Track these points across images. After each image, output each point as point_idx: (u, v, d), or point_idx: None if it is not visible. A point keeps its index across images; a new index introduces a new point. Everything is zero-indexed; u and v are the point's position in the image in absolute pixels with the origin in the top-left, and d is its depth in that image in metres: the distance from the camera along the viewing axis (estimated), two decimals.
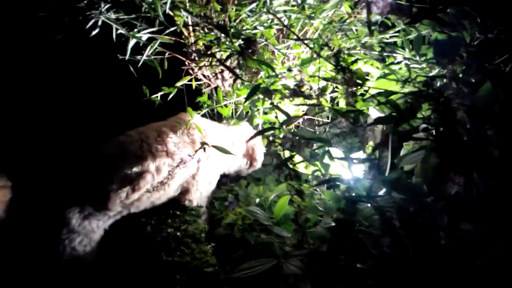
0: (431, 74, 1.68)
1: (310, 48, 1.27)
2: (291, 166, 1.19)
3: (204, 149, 1.64)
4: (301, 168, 1.98)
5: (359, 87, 1.05)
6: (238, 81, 2.35)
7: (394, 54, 1.95)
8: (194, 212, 2.03)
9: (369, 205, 1.75)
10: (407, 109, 1.05)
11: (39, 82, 2.71)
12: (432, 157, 1.46)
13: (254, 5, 1.55)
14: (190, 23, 1.95)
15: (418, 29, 1.96)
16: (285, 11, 1.52)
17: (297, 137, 1.32)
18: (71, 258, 1.74)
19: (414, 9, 2.19)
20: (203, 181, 2.10)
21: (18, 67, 2.69)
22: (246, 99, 1.25)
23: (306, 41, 1.33)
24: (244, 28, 1.63)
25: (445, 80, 1.27)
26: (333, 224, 1.85)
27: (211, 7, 1.93)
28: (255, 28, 1.54)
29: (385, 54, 2.01)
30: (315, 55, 1.24)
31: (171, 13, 1.92)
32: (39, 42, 2.62)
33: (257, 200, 2.17)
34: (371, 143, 1.97)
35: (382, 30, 2.06)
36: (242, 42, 1.15)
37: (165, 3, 1.82)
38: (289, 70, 1.52)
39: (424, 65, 1.67)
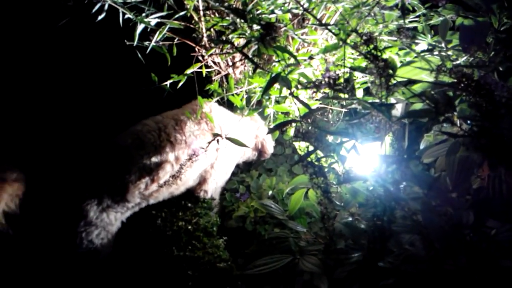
0: (457, 62, 1.59)
1: (335, 34, 1.18)
2: (313, 161, 1.10)
3: (218, 141, 1.55)
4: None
5: (390, 77, 0.97)
6: (249, 68, 2.26)
7: (416, 41, 1.86)
8: (206, 204, 1.96)
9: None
10: (444, 102, 0.97)
11: (46, 71, 2.63)
12: (461, 151, 1.38)
13: None
14: (200, 7, 1.85)
15: (440, 14, 1.86)
16: None
17: (317, 130, 1.24)
18: (87, 250, 1.69)
19: None
20: (220, 170, 2.05)
21: (26, 57, 2.61)
22: (264, 90, 1.17)
23: (329, 26, 1.23)
24: (259, 12, 1.53)
25: (480, 71, 1.17)
26: (350, 219, 1.79)
27: None
28: (272, 12, 1.45)
29: (404, 40, 1.92)
30: (340, 42, 1.16)
31: None
32: (44, 28, 2.54)
33: (270, 192, 2.10)
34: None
35: (401, 15, 1.96)
36: (260, 28, 1.06)
37: None
38: (311, 58, 1.43)
39: (450, 52, 1.57)
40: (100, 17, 1.79)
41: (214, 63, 2.24)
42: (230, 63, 2.22)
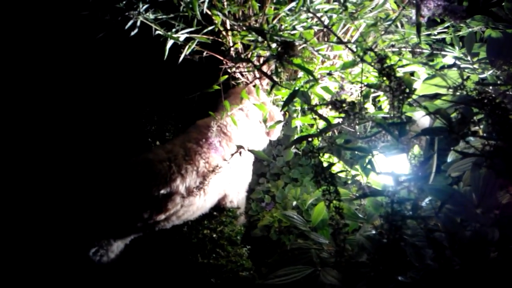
0: (483, 75, 1.56)
1: (353, 51, 1.20)
2: (327, 176, 1.12)
3: (240, 153, 1.59)
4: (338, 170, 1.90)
5: (405, 95, 0.98)
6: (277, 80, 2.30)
7: (443, 53, 1.84)
8: (231, 213, 2.01)
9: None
10: (459, 120, 0.97)
11: (81, 82, 2.77)
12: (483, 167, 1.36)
13: (293, 3, 1.48)
14: (227, 22, 1.91)
15: (469, 25, 1.83)
16: (326, 11, 1.45)
17: (335, 145, 1.26)
18: (85, 264, 1.75)
19: (465, 2, 2.06)
20: (239, 180, 2.07)
21: (60, 67, 2.75)
22: (284, 105, 1.20)
23: (348, 44, 1.26)
24: (282, 28, 1.57)
25: (501, 88, 1.16)
26: (373, 232, 1.78)
27: (249, 5, 1.89)
28: (294, 28, 1.48)
29: (433, 52, 1.90)
30: (358, 59, 1.17)
31: (209, 12, 1.89)
32: (79, 41, 2.67)
33: (294, 202, 2.12)
34: (416, 147, 1.87)
35: (430, 27, 1.95)
36: (279, 45, 1.10)
37: (203, 2, 1.79)
38: (329, 74, 1.45)
39: (476, 66, 1.55)
40: (133, 33, 1.89)
41: (242, 74, 2.30)
42: (258, 75, 2.26)
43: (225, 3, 1.82)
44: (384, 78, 1.00)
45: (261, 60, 1.87)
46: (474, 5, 2.06)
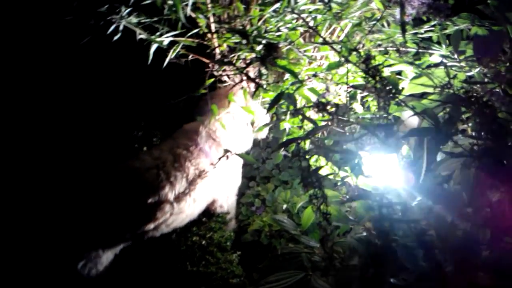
0: (471, 73, 1.55)
1: (338, 52, 1.18)
2: (316, 178, 1.09)
3: (227, 157, 1.56)
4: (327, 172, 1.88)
5: (392, 95, 0.96)
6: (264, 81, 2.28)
7: (429, 51, 1.83)
8: (220, 219, 1.98)
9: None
10: (446, 120, 0.95)
11: (61, 87, 2.72)
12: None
13: (278, 4, 1.46)
14: (212, 25, 1.88)
15: (455, 23, 1.82)
16: (310, 12, 1.43)
17: (323, 147, 1.23)
18: (74, 278, 1.69)
19: (451, 1, 2.06)
20: (228, 184, 2.03)
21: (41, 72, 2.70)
22: (269, 108, 1.18)
23: (333, 44, 1.24)
24: (268, 29, 1.55)
25: (488, 86, 1.14)
26: (364, 234, 1.76)
27: (234, 7, 1.86)
28: (279, 29, 1.46)
29: (419, 50, 1.89)
30: (343, 59, 1.15)
31: (193, 14, 1.86)
32: (63, 46, 2.63)
33: (284, 206, 2.09)
34: (405, 147, 1.86)
35: (416, 25, 1.94)
36: (263, 48, 1.07)
37: (187, 5, 1.76)
38: (315, 76, 1.43)
39: (463, 64, 1.54)
40: (116, 37, 1.85)
41: (228, 77, 2.27)
42: (245, 77, 2.24)
43: (209, 6, 1.79)
44: (370, 79, 0.98)
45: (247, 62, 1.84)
46: (460, 3, 2.06)
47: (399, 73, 1.92)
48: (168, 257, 1.79)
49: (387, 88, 0.92)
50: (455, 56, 1.59)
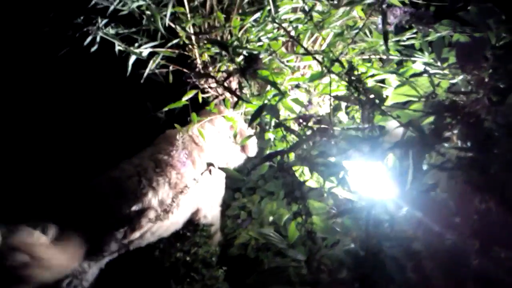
0: (454, 81, 1.54)
1: (320, 62, 1.15)
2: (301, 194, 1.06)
3: (210, 171, 1.52)
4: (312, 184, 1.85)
5: (375, 106, 0.93)
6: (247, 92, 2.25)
7: (412, 59, 1.82)
8: (205, 233, 1.93)
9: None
10: (431, 131, 0.92)
11: (40, 99, 2.65)
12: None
13: (258, 14, 1.43)
14: (192, 36, 1.84)
15: (437, 30, 1.82)
16: (291, 21, 1.40)
17: (308, 160, 1.20)
18: None
19: (432, 8, 2.06)
20: (211, 194, 1.99)
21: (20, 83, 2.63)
22: (251, 120, 1.14)
23: (315, 54, 1.21)
24: (249, 39, 1.52)
25: (473, 95, 1.12)
26: (352, 245, 1.73)
27: (214, 17, 1.83)
28: (259, 39, 1.43)
29: (403, 59, 1.88)
30: (325, 70, 1.13)
31: (172, 25, 1.82)
32: (38, 57, 2.56)
33: (271, 218, 2.05)
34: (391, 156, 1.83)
35: (398, 33, 1.93)
36: (243, 59, 1.04)
37: (165, 15, 1.72)
38: (297, 86, 1.40)
39: (446, 71, 1.53)
40: (93, 49, 1.80)
41: (211, 88, 2.23)
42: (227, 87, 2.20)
43: (189, 15, 1.76)
44: (353, 90, 0.95)
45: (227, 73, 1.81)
46: (441, 10, 2.06)
47: (382, 81, 1.91)
48: (152, 275, 1.73)
49: (371, 99, 0.90)
50: (438, 63, 1.58)
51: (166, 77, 2.00)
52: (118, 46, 1.77)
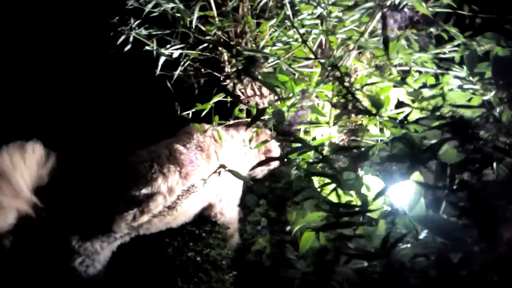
0: (487, 98, 1.42)
1: (325, 68, 1.10)
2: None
3: (219, 173, 1.52)
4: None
5: (371, 115, 0.87)
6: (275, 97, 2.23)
7: (450, 72, 1.71)
8: (220, 235, 1.92)
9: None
10: (426, 149, 0.85)
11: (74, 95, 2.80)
12: None
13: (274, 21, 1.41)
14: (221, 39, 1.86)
15: (479, 43, 1.70)
16: (303, 25, 1.36)
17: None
18: (72, 277, 1.68)
19: (478, 19, 1.92)
20: (227, 191, 1.99)
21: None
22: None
23: (319, 59, 1.17)
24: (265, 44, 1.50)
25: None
26: (366, 264, 1.64)
27: (245, 21, 1.84)
28: (274, 44, 1.41)
29: (438, 71, 1.78)
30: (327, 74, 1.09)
31: (203, 28, 1.85)
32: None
33: (288, 228, 2.00)
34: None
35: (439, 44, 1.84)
36: (244, 62, 1.03)
37: (197, 18, 1.76)
38: (303, 92, 1.36)
39: (478, 86, 1.41)
40: (126, 48, 1.88)
41: (242, 92, 2.24)
42: (258, 93, 2.19)
43: (217, 19, 1.78)
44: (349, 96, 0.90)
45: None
46: (487, 22, 1.92)
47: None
48: (161, 271, 1.76)
49: (363, 108, 0.84)
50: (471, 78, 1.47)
51: (197, 79, 2.04)
52: (147, 47, 1.82)
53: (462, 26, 1.87)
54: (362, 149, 1.62)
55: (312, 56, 1.26)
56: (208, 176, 1.51)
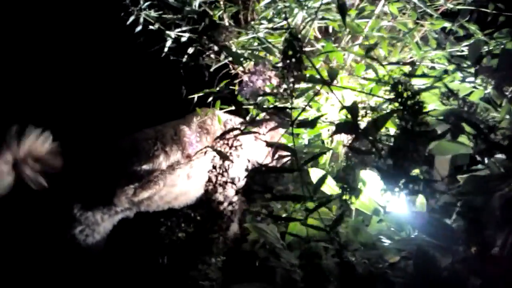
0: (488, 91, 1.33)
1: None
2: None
3: (205, 153, 1.51)
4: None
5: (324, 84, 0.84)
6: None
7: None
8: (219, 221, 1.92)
9: None
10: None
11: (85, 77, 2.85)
12: None
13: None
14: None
15: (496, 40, 1.62)
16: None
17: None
18: (71, 245, 1.74)
19: (502, 17, 1.84)
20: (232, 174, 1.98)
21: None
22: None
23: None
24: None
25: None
26: (353, 259, 1.58)
27: (252, 8, 1.84)
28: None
29: (449, 69, 1.70)
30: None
31: (210, 12, 1.87)
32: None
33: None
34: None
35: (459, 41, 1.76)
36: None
37: (205, 2, 1.78)
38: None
39: (478, 81, 1.33)
40: (137, 29, 1.92)
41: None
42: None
43: (222, 3, 1.79)
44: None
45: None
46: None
47: None
48: (152, 248, 1.79)
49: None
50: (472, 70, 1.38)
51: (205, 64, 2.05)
52: (152, 26, 1.86)
53: (483, 24, 1.80)
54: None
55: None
56: (195, 153, 1.52)
